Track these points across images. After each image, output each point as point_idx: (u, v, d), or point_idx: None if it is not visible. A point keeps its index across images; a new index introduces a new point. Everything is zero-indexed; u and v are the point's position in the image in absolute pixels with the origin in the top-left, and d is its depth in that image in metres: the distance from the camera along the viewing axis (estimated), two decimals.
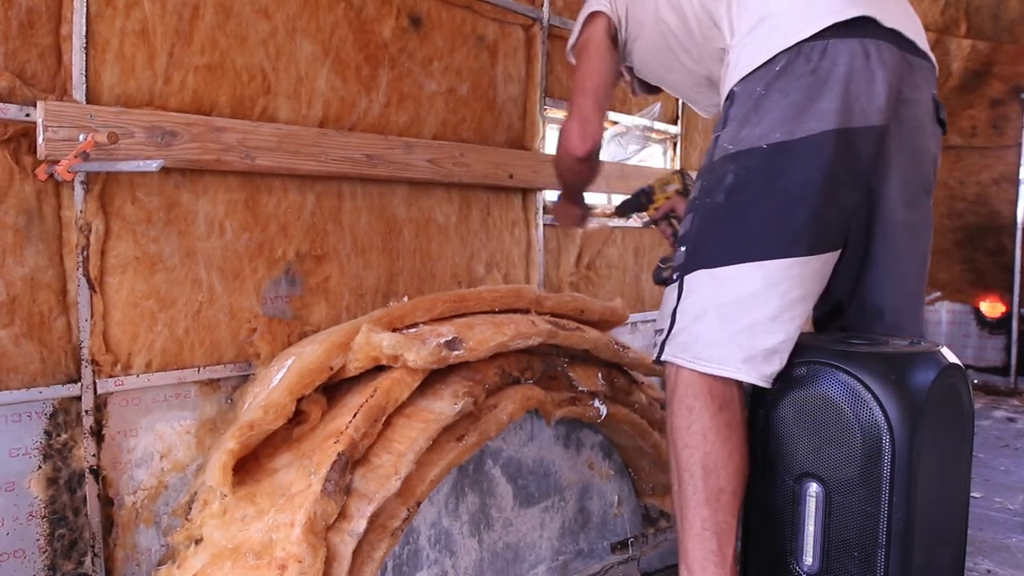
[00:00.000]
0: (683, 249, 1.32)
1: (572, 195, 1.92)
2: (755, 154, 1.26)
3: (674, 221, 1.88)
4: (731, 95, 1.33)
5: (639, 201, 1.96)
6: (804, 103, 1.24)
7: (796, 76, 1.25)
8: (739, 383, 1.26)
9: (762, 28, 1.29)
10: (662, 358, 1.32)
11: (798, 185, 1.23)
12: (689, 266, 1.30)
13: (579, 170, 1.73)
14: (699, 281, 1.28)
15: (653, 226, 1.97)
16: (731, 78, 1.34)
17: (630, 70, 1.73)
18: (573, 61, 1.71)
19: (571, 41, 1.70)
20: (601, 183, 2.43)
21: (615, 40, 1.63)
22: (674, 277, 1.32)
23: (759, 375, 1.23)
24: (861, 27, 1.26)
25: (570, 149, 1.65)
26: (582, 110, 1.62)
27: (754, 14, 1.31)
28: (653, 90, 1.83)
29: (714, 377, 1.24)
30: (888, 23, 1.28)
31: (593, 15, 1.62)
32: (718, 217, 1.29)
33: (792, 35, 1.26)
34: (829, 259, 1.28)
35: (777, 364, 1.24)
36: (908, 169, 1.38)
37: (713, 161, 1.32)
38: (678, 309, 1.30)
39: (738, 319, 1.23)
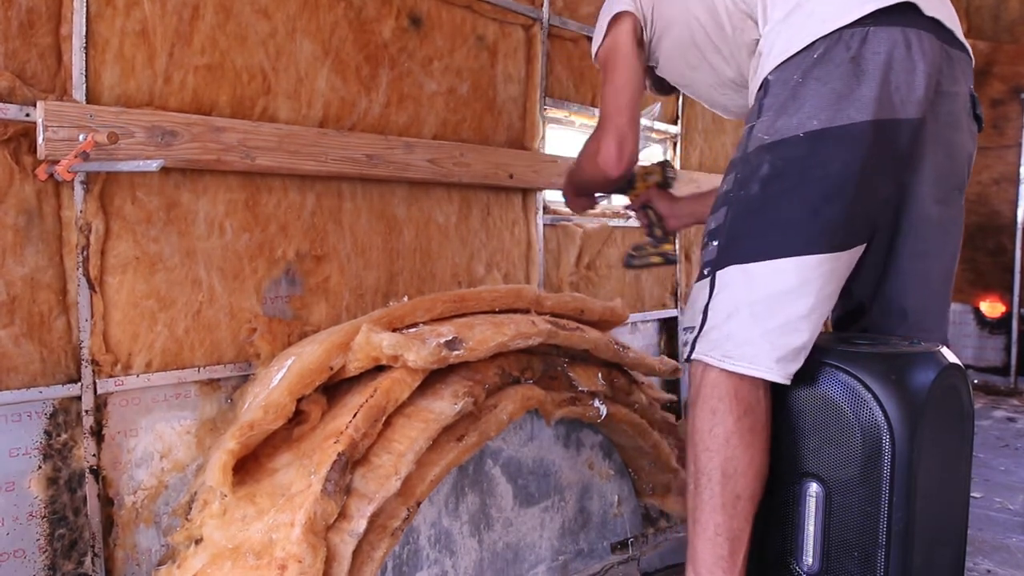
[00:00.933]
0: (715, 244, 1.28)
1: (585, 193, 1.88)
2: (792, 143, 1.22)
3: (650, 212, 1.90)
4: (765, 84, 1.28)
5: (620, 185, 1.94)
6: (844, 91, 1.20)
7: (835, 63, 1.21)
8: (766, 386, 1.23)
9: (798, 15, 1.25)
10: (693, 356, 1.28)
11: (836, 175, 1.20)
12: (721, 262, 1.26)
13: (606, 186, 1.65)
14: (731, 277, 1.24)
15: (631, 212, 1.97)
16: (765, 67, 1.29)
17: (649, 68, 1.67)
18: (598, 66, 1.64)
19: (596, 44, 1.63)
20: None
21: (641, 42, 1.56)
22: (705, 272, 1.29)
23: (785, 374, 1.20)
24: (903, 15, 1.22)
25: (605, 169, 1.55)
26: (619, 128, 1.52)
27: (789, 1, 1.27)
28: (666, 90, 1.80)
29: (741, 379, 1.21)
30: (929, 12, 1.24)
31: (618, 16, 1.55)
32: (753, 209, 1.25)
33: (831, 21, 1.22)
34: (856, 254, 1.25)
35: (801, 363, 1.21)
36: (943, 165, 1.35)
37: (748, 152, 1.28)
38: (709, 306, 1.26)
39: (771, 317, 1.19)
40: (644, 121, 2.65)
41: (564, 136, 2.54)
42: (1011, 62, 4.05)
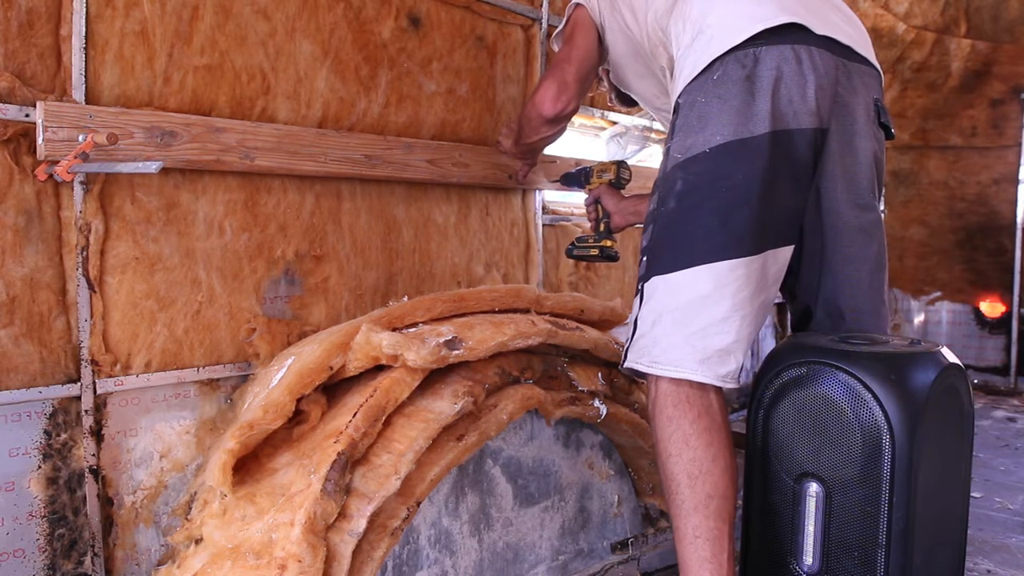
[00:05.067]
0: (644, 259, 1.37)
1: (523, 150, 1.95)
2: (701, 159, 1.31)
3: (600, 207, 1.98)
4: (676, 107, 1.38)
5: (579, 179, 2.07)
6: (742, 107, 1.29)
7: (732, 82, 1.30)
8: (716, 388, 1.30)
9: (700, 40, 1.34)
10: (624, 365, 1.36)
11: (741, 185, 1.28)
12: (647, 274, 1.34)
13: (541, 130, 1.78)
14: (655, 288, 1.32)
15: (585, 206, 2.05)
16: (675, 91, 1.39)
17: (608, 73, 1.78)
18: (556, 48, 1.79)
19: (557, 30, 1.79)
20: None
21: (600, 37, 1.69)
22: (638, 287, 1.37)
23: (715, 375, 1.26)
24: (792, 34, 1.31)
25: (540, 106, 1.69)
26: (563, 75, 1.67)
27: (695, 27, 1.36)
28: (629, 102, 1.88)
29: (691, 384, 1.28)
30: (820, 30, 1.33)
31: (579, 6, 1.71)
32: (671, 223, 1.34)
33: (725, 43, 1.31)
34: (772, 257, 1.32)
35: (733, 364, 1.27)
36: (852, 171, 1.42)
37: (666, 172, 1.37)
38: (638, 317, 1.35)
39: (691, 322, 1.27)
40: (644, 121, 2.66)
41: (564, 136, 2.53)
42: (1011, 62, 4.05)
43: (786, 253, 1.35)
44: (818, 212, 1.41)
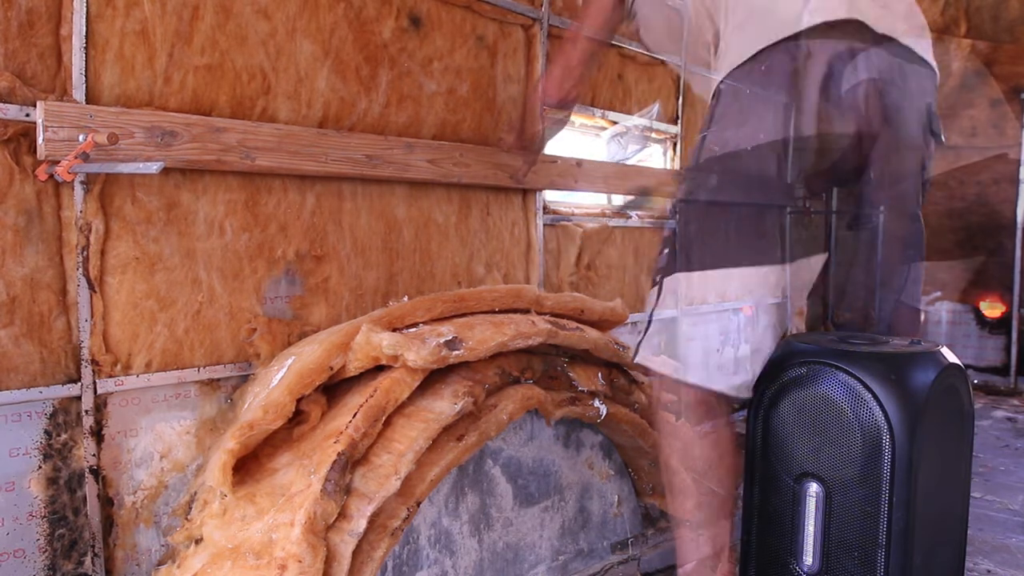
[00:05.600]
0: (666, 251, 1.34)
1: (527, 142, 1.96)
2: (739, 156, 1.26)
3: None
4: (717, 92, 1.32)
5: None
6: (787, 104, 1.24)
7: (780, 75, 1.24)
8: None
9: (752, 23, 1.28)
10: (636, 360, 1.35)
11: (780, 187, 1.25)
12: (668, 269, 1.31)
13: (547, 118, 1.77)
14: (676, 284, 1.30)
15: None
16: (720, 70, 1.33)
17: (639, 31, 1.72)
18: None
19: None
20: (599, 183, 2.44)
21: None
22: (655, 279, 1.34)
23: (727, 384, 1.24)
24: (850, 30, 1.25)
25: (546, 93, 1.70)
26: (568, 60, 1.66)
27: (747, 7, 1.30)
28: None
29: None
30: (881, 28, 1.27)
31: None
32: (699, 218, 1.30)
33: (779, 31, 1.25)
34: (806, 264, 1.31)
35: (749, 374, 1.25)
36: (898, 179, 1.37)
37: (699, 163, 1.32)
38: (655, 312, 1.33)
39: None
40: (643, 121, 2.65)
41: (564, 136, 2.53)
42: (1011, 62, 4.05)
43: (819, 260, 1.33)
44: (858, 219, 1.37)
